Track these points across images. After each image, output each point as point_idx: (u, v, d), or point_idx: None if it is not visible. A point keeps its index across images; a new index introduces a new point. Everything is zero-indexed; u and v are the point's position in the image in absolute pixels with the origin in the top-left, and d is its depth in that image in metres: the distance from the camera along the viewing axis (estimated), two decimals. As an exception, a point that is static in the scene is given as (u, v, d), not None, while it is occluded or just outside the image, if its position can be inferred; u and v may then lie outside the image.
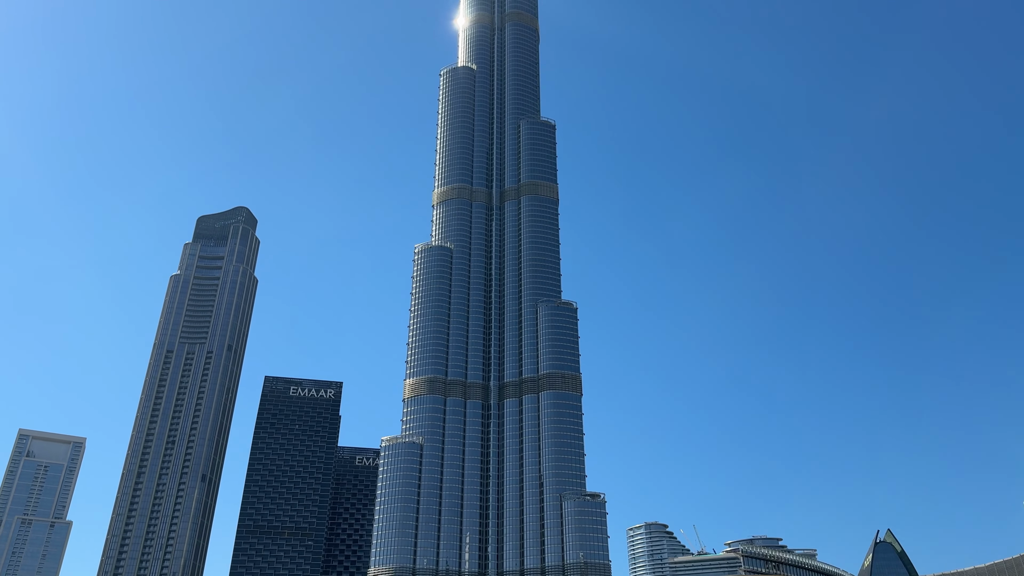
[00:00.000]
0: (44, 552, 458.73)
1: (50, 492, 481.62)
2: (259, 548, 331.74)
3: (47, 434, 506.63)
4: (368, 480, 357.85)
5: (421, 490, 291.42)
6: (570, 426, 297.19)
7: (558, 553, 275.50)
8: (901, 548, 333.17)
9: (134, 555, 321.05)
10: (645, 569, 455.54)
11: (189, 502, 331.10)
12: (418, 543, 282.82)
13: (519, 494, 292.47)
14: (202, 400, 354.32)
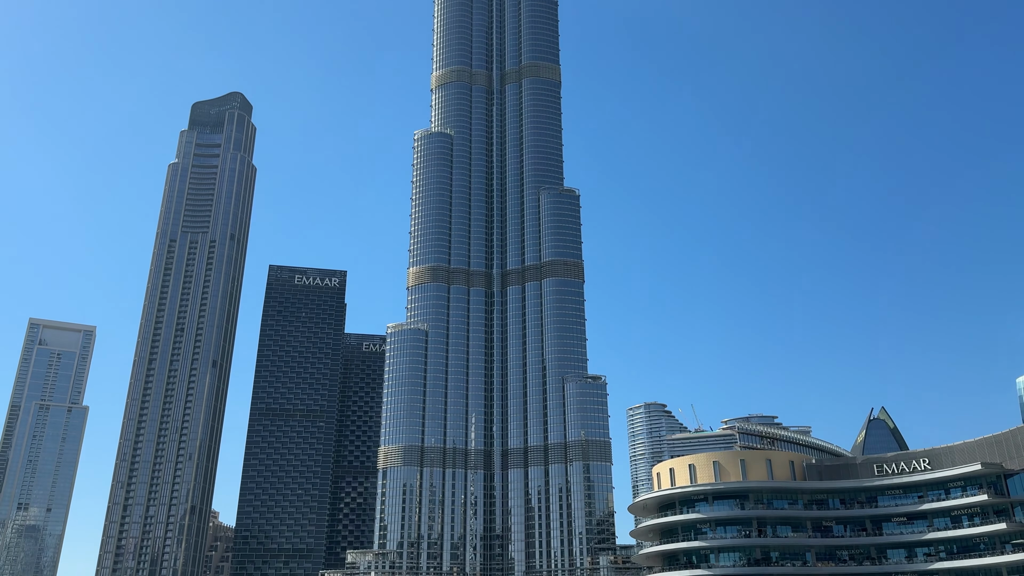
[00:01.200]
0: (64, 435, 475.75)
1: (65, 379, 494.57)
2: (272, 430, 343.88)
3: (57, 323, 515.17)
4: (375, 365, 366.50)
5: (427, 374, 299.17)
6: (572, 312, 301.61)
7: (560, 432, 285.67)
8: (894, 425, 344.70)
9: (150, 438, 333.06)
10: (644, 447, 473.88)
11: (201, 387, 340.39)
12: (426, 423, 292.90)
13: (522, 377, 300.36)
14: (208, 288, 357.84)
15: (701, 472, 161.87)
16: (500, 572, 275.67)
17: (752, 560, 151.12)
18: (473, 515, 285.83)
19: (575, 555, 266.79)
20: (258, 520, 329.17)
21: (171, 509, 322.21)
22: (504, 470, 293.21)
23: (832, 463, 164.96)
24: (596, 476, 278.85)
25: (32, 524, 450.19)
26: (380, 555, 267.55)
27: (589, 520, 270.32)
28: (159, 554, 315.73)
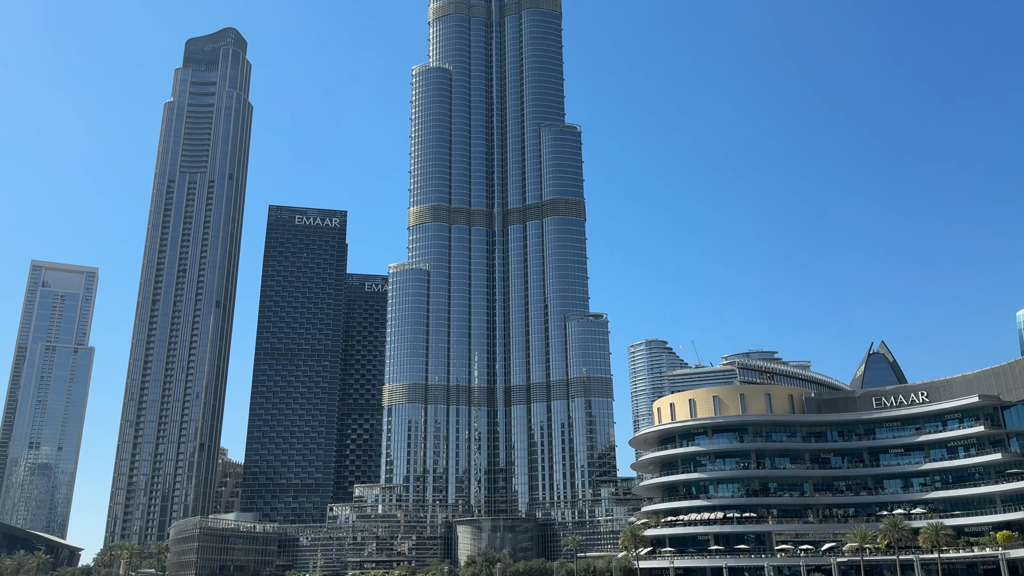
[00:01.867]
0: (71, 376, 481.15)
1: (69, 320, 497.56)
2: (277, 369, 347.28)
3: (60, 265, 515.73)
4: (378, 305, 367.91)
5: (430, 313, 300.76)
6: (573, 250, 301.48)
7: (562, 369, 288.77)
8: (893, 359, 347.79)
9: (157, 378, 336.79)
10: (645, 383, 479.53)
11: (206, 328, 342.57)
12: (429, 362, 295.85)
13: (524, 316, 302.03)
14: (208, 229, 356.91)
15: (701, 407, 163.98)
16: (504, 504, 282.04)
17: (750, 491, 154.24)
18: (477, 450, 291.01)
19: (577, 487, 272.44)
20: (266, 456, 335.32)
21: (180, 447, 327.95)
22: (507, 407, 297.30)
23: (831, 396, 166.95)
24: (597, 412, 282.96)
25: (44, 463, 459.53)
26: (387, 488, 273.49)
27: (591, 454, 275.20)
28: (170, 490, 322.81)
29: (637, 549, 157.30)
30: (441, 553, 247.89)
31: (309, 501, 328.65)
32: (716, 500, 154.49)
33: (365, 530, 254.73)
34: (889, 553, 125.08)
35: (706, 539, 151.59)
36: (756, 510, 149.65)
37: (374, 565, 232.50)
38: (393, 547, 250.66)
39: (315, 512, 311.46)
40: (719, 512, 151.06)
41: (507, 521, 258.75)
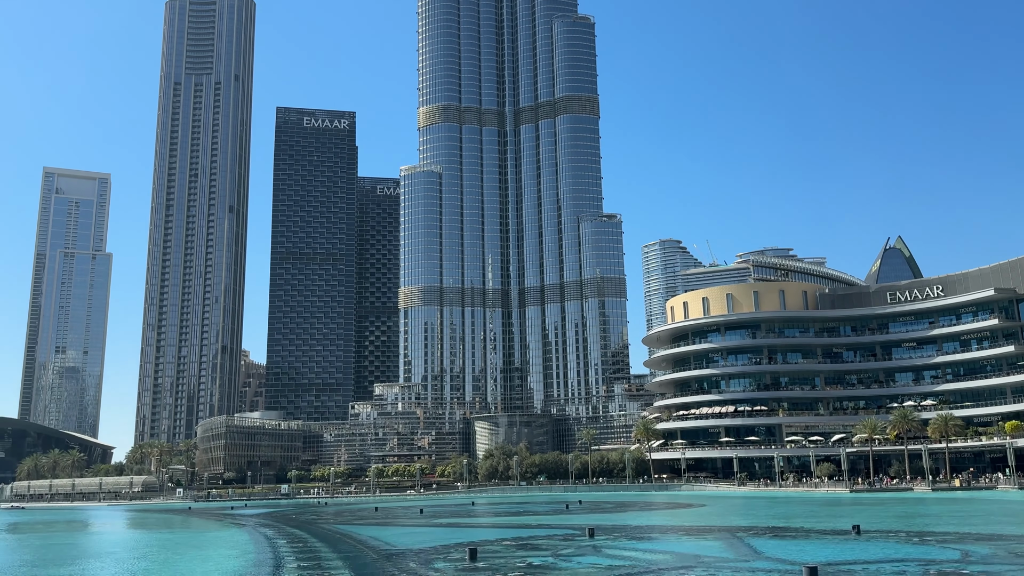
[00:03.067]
0: (91, 282, 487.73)
1: (85, 227, 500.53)
2: (294, 273, 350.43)
3: (72, 171, 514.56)
4: (391, 208, 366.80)
5: (443, 216, 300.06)
6: (586, 149, 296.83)
7: (576, 270, 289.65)
8: (909, 254, 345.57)
9: (176, 283, 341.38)
10: (658, 282, 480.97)
11: (220, 232, 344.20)
12: (443, 264, 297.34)
13: (537, 216, 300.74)
14: (217, 132, 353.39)
15: (714, 304, 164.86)
16: (520, 401, 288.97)
17: (762, 385, 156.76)
18: (493, 350, 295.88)
19: (591, 384, 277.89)
20: (287, 358, 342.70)
21: (203, 349, 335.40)
22: (521, 308, 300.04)
23: (845, 292, 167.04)
24: (611, 311, 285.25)
25: (71, 366, 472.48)
26: (406, 387, 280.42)
27: (604, 352, 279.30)
28: (195, 391, 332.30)
29: (649, 442, 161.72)
30: (460, 448, 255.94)
31: (331, 400, 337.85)
32: (728, 395, 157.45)
33: (386, 427, 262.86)
34: (898, 444, 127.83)
35: (717, 432, 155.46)
36: (767, 404, 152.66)
37: (396, 459, 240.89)
38: (414, 442, 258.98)
39: (337, 410, 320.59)
40: (730, 406, 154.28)
41: (523, 417, 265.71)
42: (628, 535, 50.95)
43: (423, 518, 79.31)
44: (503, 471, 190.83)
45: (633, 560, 35.60)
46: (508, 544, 45.02)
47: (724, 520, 65.03)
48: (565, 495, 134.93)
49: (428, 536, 54.43)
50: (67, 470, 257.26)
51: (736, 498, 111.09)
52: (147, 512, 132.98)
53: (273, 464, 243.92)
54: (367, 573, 33.31)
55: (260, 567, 36.69)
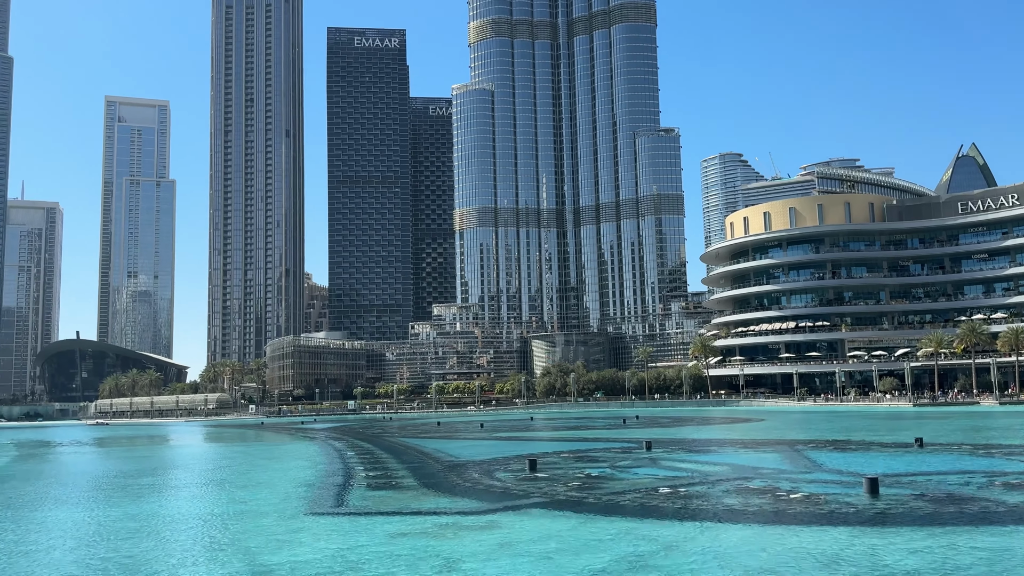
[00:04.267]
0: (157, 208, 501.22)
1: (148, 154, 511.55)
2: (351, 196, 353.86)
3: (133, 99, 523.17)
4: (444, 129, 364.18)
5: (495, 135, 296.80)
6: (643, 61, 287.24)
7: (632, 187, 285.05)
8: (983, 161, 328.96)
9: (238, 208, 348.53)
10: (718, 198, 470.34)
11: (278, 157, 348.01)
12: (497, 185, 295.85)
13: (592, 133, 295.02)
14: (270, 55, 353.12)
15: (776, 219, 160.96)
16: (576, 320, 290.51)
17: (824, 300, 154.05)
18: (548, 270, 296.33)
19: (647, 303, 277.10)
20: (348, 280, 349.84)
21: (267, 272, 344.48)
22: (576, 227, 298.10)
23: (913, 203, 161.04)
24: (668, 229, 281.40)
25: (143, 290, 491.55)
26: (463, 308, 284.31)
27: (661, 271, 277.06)
28: (262, 312, 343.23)
29: (707, 359, 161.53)
30: (517, 366, 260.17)
31: (391, 320, 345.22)
32: (788, 311, 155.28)
33: (445, 346, 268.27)
34: (964, 358, 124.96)
35: (777, 348, 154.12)
36: (829, 319, 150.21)
37: (456, 377, 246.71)
38: (472, 361, 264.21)
39: (397, 330, 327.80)
40: (791, 322, 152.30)
41: (579, 335, 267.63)
42: (685, 448, 51.58)
43: (484, 432, 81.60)
44: (560, 388, 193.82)
45: (690, 471, 36.11)
46: (566, 456, 46.10)
47: (783, 434, 65.18)
48: (622, 411, 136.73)
49: (489, 449, 56.09)
50: (145, 389, 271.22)
51: (795, 413, 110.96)
52: (223, 427, 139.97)
53: (339, 382, 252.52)
54: (432, 483, 34.59)
55: (331, 477, 38.43)
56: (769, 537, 20.18)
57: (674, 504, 25.79)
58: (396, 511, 26.20)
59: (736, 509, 24.70)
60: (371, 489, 33.15)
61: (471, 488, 31.76)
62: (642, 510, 24.74)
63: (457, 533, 21.25)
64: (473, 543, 19.55)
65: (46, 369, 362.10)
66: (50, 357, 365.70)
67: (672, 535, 20.15)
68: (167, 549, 20.55)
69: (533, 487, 30.94)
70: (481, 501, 27.92)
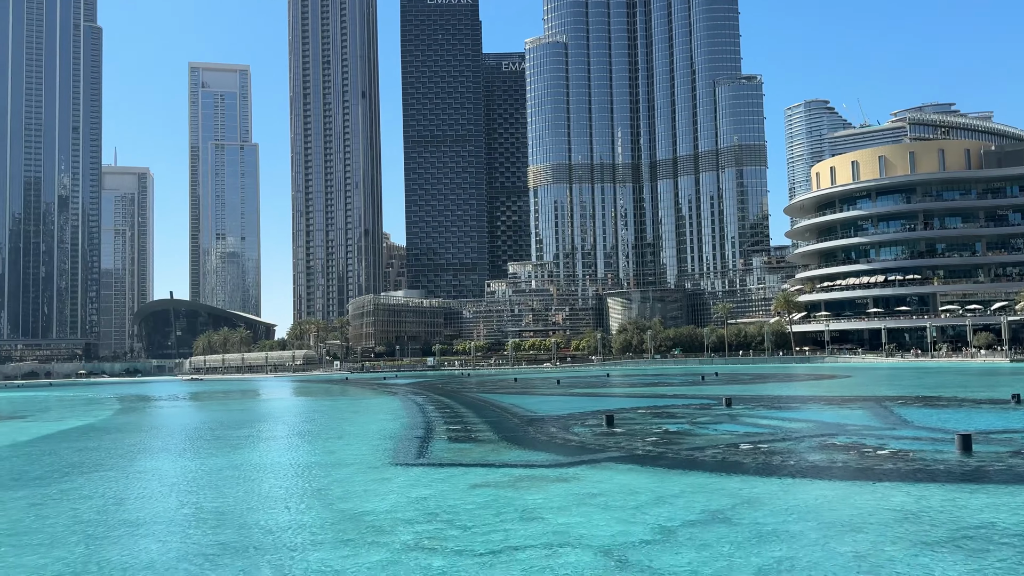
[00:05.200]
0: (242, 172, 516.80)
1: (232, 119, 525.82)
2: (426, 156, 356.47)
3: (215, 64, 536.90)
4: (517, 85, 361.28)
5: (569, 89, 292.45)
6: (723, 6, 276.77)
7: (711, 138, 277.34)
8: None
9: (318, 170, 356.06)
10: (803, 148, 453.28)
11: (355, 119, 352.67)
12: (571, 140, 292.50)
13: (669, 84, 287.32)
14: (345, 17, 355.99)
15: (865, 168, 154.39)
16: (652, 277, 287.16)
17: (915, 253, 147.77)
18: (624, 226, 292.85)
19: (727, 258, 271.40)
20: (425, 239, 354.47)
21: (347, 233, 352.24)
22: (653, 182, 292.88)
23: (1014, 149, 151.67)
24: (749, 181, 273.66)
25: (231, 251, 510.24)
26: (538, 265, 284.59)
27: (742, 224, 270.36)
28: (344, 271, 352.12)
29: (791, 314, 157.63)
30: (593, 323, 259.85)
31: (468, 279, 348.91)
32: (877, 264, 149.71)
33: (521, 303, 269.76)
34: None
35: (864, 303, 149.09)
36: (920, 272, 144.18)
37: (532, 334, 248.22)
38: (548, 318, 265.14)
39: (474, 288, 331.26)
40: (880, 276, 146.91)
41: (656, 292, 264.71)
42: (767, 404, 50.76)
43: (560, 388, 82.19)
44: (637, 345, 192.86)
45: (772, 428, 35.59)
46: (643, 412, 46.05)
47: (870, 390, 63.35)
48: (700, 367, 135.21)
49: (566, 404, 56.51)
50: (236, 346, 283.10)
51: (883, 369, 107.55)
52: (309, 382, 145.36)
53: (418, 339, 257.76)
54: (510, 436, 35.18)
55: (413, 429, 39.53)
56: (854, 493, 19.80)
57: (755, 460, 25.53)
58: (476, 463, 26.81)
59: (820, 465, 24.29)
60: (451, 442, 33.98)
61: (548, 442, 32.17)
62: (722, 465, 24.60)
63: (535, 485, 21.63)
64: (551, 495, 19.88)
65: (143, 328, 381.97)
66: (146, 316, 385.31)
67: (753, 490, 20.00)
68: (263, 496, 21.65)
69: (610, 442, 31.11)
70: (559, 455, 28.28)
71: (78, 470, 27.33)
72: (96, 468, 27.98)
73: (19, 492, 22.39)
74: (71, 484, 23.81)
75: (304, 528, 17.04)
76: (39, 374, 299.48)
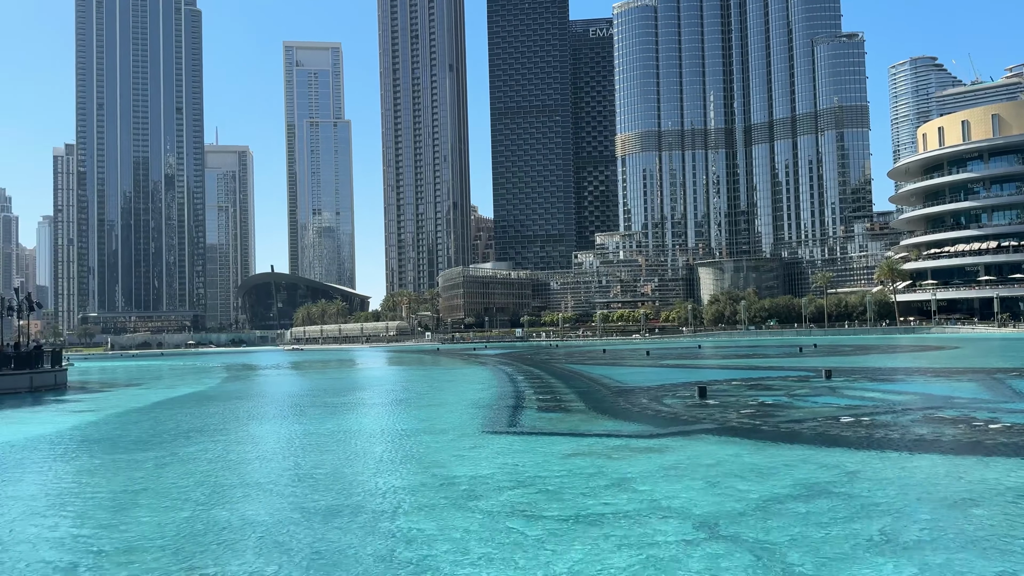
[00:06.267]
0: (335, 148, 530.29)
1: (324, 96, 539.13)
2: (512, 127, 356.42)
3: (308, 43, 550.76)
4: (605, 51, 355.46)
5: (659, 54, 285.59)
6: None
7: (810, 100, 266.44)
8: None
9: (408, 144, 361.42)
10: (908, 107, 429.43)
11: (443, 92, 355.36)
12: (661, 107, 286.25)
13: (764, 44, 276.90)
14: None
15: (976, 128, 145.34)
16: (746, 246, 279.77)
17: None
18: (716, 194, 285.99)
19: (826, 225, 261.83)
20: (512, 211, 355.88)
21: (436, 206, 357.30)
22: (747, 147, 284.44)
23: None
24: (851, 143, 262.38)
25: (327, 226, 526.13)
26: (626, 236, 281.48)
27: (843, 190, 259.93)
28: (434, 244, 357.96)
29: (895, 283, 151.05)
30: (683, 294, 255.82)
31: (555, 250, 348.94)
32: (989, 229, 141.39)
33: (609, 274, 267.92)
34: None
35: (975, 270, 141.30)
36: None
37: (620, 305, 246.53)
38: (636, 289, 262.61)
39: (561, 260, 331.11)
40: (992, 241, 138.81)
41: (750, 261, 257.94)
42: (869, 376, 48.90)
43: (650, 359, 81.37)
44: (729, 316, 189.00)
45: (875, 401, 34.30)
46: (737, 384, 45.15)
47: (981, 362, 60.07)
48: (798, 339, 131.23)
49: (656, 375, 55.98)
50: (332, 317, 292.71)
51: (995, 340, 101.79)
52: (402, 352, 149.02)
53: (506, 310, 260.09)
54: (600, 406, 35.21)
55: (504, 399, 40.08)
56: (963, 467, 18.92)
57: (857, 433, 24.71)
58: (567, 432, 26.96)
59: (926, 439, 23.29)
60: (542, 411, 34.26)
61: (639, 413, 31.99)
62: (821, 438, 23.92)
63: (627, 455, 21.61)
64: (643, 465, 19.82)
65: (246, 300, 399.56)
66: (249, 289, 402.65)
67: (855, 463, 19.38)
68: (363, 460, 22.47)
69: (703, 413, 30.69)
70: (650, 425, 28.10)
71: (192, 434, 29.03)
72: (208, 432, 29.64)
73: (139, 455, 23.97)
74: (187, 447, 25.34)
75: (403, 491, 17.62)
76: (151, 344, 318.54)
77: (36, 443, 27.74)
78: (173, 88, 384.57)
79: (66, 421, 35.58)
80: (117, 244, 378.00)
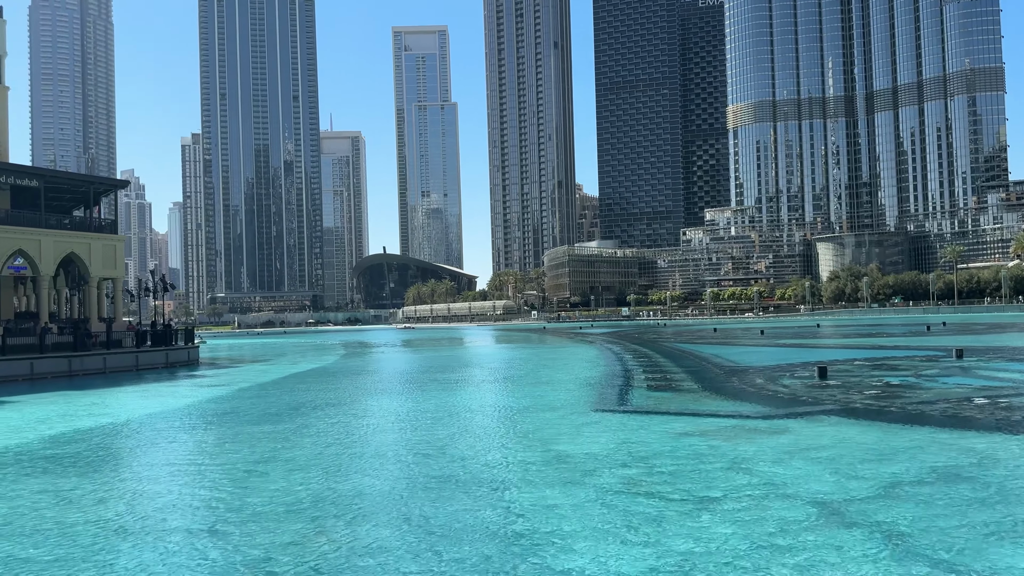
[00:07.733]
0: (443, 131, 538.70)
1: (432, 80, 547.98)
2: (618, 103, 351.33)
3: (415, 27, 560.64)
4: (715, 20, 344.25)
5: (773, 20, 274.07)
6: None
7: (938, 63, 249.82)
8: None
9: (512, 124, 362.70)
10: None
11: (548, 70, 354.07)
12: (775, 75, 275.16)
13: (888, 5, 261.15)
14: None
15: None
16: (869, 219, 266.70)
17: None
18: (835, 165, 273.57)
19: (957, 195, 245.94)
20: (618, 188, 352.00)
21: (541, 185, 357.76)
22: (869, 115, 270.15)
23: None
24: (984, 109, 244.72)
25: (435, 208, 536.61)
26: (738, 211, 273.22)
27: (975, 158, 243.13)
28: (539, 224, 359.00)
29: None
30: (800, 271, 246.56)
31: (662, 227, 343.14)
32: None
33: (719, 251, 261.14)
34: None
35: None
36: None
37: (731, 283, 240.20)
38: (749, 266, 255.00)
39: (668, 237, 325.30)
40: None
41: (873, 235, 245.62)
42: (1005, 356, 45.77)
43: (764, 339, 79.03)
44: (850, 293, 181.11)
45: (1013, 381, 32.11)
46: (860, 364, 43.25)
47: None
48: (925, 317, 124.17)
49: (772, 355, 54.35)
50: (442, 297, 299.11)
51: None
52: (510, 331, 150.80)
53: (612, 289, 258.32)
54: (713, 386, 34.57)
55: (613, 378, 39.96)
56: (1119, 457, 17.47)
57: (992, 416, 23.23)
58: (678, 412, 26.63)
59: (1073, 425, 21.64)
60: (651, 390, 33.94)
61: (754, 393, 31.20)
62: (952, 421, 22.63)
63: (742, 435, 21.16)
64: (761, 446, 19.35)
65: (361, 280, 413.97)
66: (363, 270, 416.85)
67: (989, 447, 18.26)
68: (477, 435, 23.00)
69: (824, 394, 29.60)
70: (766, 406, 27.37)
71: (316, 408, 30.50)
72: (329, 406, 31.06)
73: (268, 427, 25.40)
74: (313, 420, 26.66)
75: (516, 466, 17.93)
76: (275, 323, 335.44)
77: (175, 414, 29.89)
78: (290, 77, 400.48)
79: (200, 394, 38.11)
80: (241, 228, 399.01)
